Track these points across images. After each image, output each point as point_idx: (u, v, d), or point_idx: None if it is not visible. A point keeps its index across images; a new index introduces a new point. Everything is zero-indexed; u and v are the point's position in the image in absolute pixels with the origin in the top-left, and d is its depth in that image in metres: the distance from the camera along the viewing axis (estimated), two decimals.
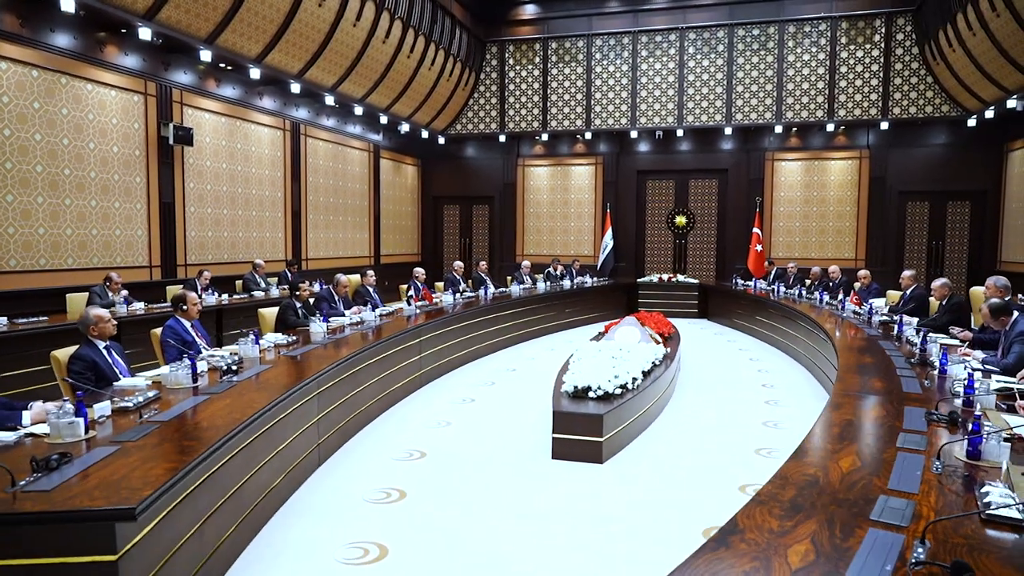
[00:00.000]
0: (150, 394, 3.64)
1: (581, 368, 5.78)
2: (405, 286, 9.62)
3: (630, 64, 14.16)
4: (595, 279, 13.10)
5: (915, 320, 6.65)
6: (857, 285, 9.31)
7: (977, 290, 7.24)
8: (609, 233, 14.65)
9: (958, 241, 13.50)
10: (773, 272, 12.31)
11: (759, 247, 13.72)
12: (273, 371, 4.45)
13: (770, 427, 5.83)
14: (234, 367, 4.23)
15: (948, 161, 13.24)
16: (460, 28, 13.54)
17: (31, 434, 3.01)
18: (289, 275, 10.75)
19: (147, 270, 8.80)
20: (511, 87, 14.86)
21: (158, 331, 5.13)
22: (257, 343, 4.87)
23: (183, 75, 9.20)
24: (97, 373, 4.19)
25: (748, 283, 12.28)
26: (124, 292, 7.63)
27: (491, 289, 10.02)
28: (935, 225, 13.59)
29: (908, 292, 7.80)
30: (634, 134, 14.37)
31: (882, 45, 12.88)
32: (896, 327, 6.18)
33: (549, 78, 14.62)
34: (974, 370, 4.12)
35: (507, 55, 14.85)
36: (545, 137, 14.86)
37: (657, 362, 6.31)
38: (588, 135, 14.61)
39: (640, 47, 14.12)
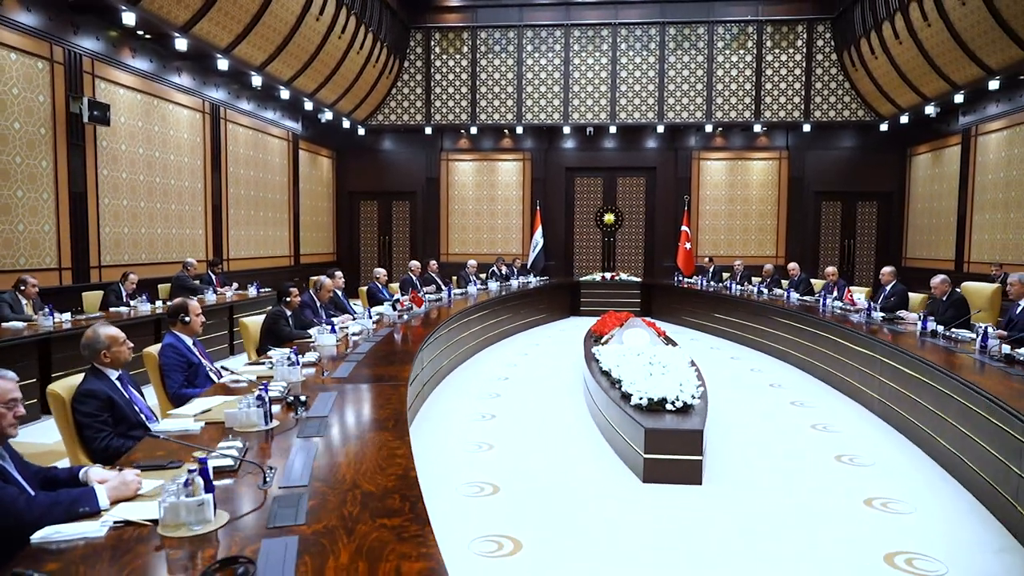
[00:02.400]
0: (236, 443, 2.69)
1: (627, 375, 5.28)
2: (364, 288, 8.66)
3: (562, 58, 13.81)
4: (537, 279, 12.63)
5: (923, 315, 6.71)
6: (821, 282, 9.49)
7: (969, 285, 7.49)
8: (539, 231, 14.26)
9: (867, 239, 14.35)
10: (712, 269, 12.41)
11: (688, 245, 13.89)
12: (347, 401, 3.56)
13: (820, 430, 5.61)
14: (302, 399, 3.31)
15: (858, 164, 14.01)
16: (387, 9, 12.56)
17: (126, 522, 2.03)
18: (213, 277, 9.43)
19: (57, 273, 7.22)
20: (437, 77, 14.04)
21: (152, 350, 4.02)
22: (298, 363, 3.91)
23: (94, 41, 7.68)
24: (115, 413, 3.13)
25: (691, 280, 12.33)
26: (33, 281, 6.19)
27: (453, 290, 9.27)
28: (847, 224, 14.36)
29: (888, 287, 7.97)
30: (566, 130, 14.07)
31: (804, 50, 13.39)
32: (920, 324, 6.17)
33: (478, 69, 13.95)
34: None
35: (433, 43, 14.01)
36: (474, 131, 14.18)
37: (695, 368, 5.92)
38: (519, 129, 14.10)
39: (572, 41, 13.80)
